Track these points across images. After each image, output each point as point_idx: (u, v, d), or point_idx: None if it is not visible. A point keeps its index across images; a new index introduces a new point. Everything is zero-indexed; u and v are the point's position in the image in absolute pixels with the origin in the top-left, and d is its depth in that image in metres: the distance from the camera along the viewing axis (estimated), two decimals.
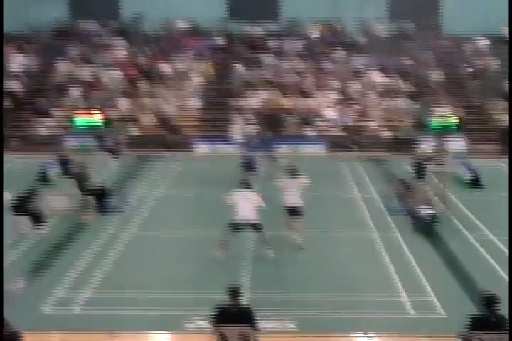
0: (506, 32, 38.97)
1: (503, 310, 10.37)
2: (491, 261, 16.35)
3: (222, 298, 10.63)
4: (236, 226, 16.11)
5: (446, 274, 15.54)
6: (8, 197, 18.46)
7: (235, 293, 10.51)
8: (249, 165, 24.05)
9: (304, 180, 17.54)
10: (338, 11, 39.87)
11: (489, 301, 10.27)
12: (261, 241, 16.38)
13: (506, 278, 15.14)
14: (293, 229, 17.40)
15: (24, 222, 18.20)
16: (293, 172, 17.56)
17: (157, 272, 15.65)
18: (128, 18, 40.51)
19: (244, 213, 15.98)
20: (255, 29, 39.77)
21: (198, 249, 17.19)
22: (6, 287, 13.52)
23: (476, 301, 13.32)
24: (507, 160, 28.42)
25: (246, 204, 16.00)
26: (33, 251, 16.98)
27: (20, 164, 27.12)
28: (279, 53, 37.91)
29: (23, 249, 17.13)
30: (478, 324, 10.21)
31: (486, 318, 10.23)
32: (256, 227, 16.16)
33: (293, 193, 17.27)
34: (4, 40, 36.16)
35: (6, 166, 23.99)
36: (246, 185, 16.58)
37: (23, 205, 18.42)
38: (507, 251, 16.96)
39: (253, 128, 31.16)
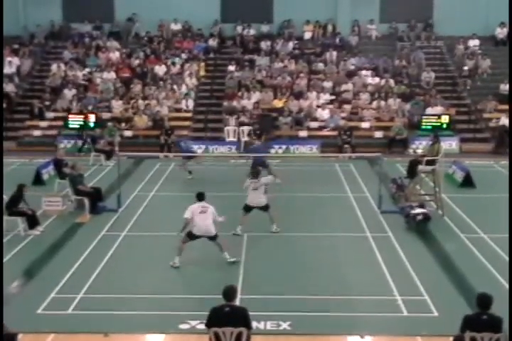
0: (498, 32, 39.17)
1: (498, 310, 10.49)
2: (483, 260, 16.44)
3: (217, 298, 10.72)
4: (194, 237, 16.01)
5: (439, 273, 15.62)
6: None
7: (229, 293, 10.58)
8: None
9: (264, 180, 18.37)
10: (331, 12, 39.97)
11: (482, 300, 10.36)
12: (218, 248, 16.17)
13: (498, 276, 15.23)
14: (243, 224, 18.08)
15: (18, 222, 18.28)
16: (256, 174, 18.53)
17: (151, 272, 15.71)
18: (122, 20, 40.55)
19: (202, 225, 15.81)
20: (248, 30, 39.86)
21: (192, 249, 17.24)
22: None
23: (468, 300, 13.46)
24: (498, 159, 28.63)
25: (203, 217, 15.79)
26: (27, 252, 17.02)
27: (14, 165, 27.13)
28: (272, 54, 38.00)
29: (17, 249, 17.17)
30: (471, 323, 10.28)
31: (479, 317, 10.31)
32: (212, 238, 16.02)
33: (257, 193, 18.12)
34: None
35: None
36: (200, 196, 16.33)
37: (14, 205, 18.45)
38: (499, 250, 17.06)
39: (246, 129, 31.29)
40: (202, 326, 11.37)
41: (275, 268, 15.95)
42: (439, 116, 31.80)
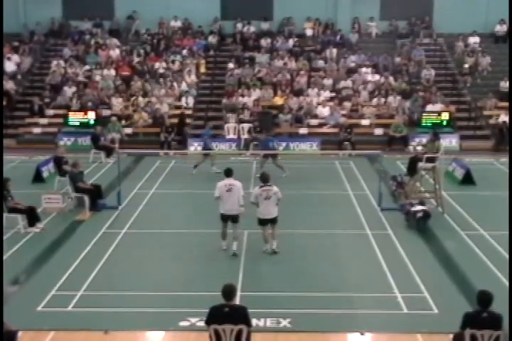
0: (498, 29, 39.17)
1: (498, 307, 10.49)
2: (483, 257, 16.46)
3: (217, 295, 10.70)
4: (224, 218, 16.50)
5: (439, 271, 15.63)
6: None
7: (228, 292, 10.53)
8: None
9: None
10: (331, 9, 39.97)
11: (482, 298, 10.36)
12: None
13: (499, 274, 15.25)
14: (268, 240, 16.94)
15: (19, 220, 18.28)
16: (266, 179, 16.36)
17: (151, 270, 15.72)
18: (122, 17, 40.54)
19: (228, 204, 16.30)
20: (248, 28, 39.85)
21: (192, 246, 17.29)
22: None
23: (468, 298, 13.47)
24: (498, 157, 28.63)
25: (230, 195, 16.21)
26: (27, 249, 17.02)
27: (14, 163, 27.11)
28: (272, 52, 37.99)
29: (17, 247, 17.17)
30: (471, 320, 10.28)
31: (479, 315, 10.31)
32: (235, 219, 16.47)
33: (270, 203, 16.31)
34: None
35: None
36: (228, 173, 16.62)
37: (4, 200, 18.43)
38: (499, 248, 17.08)
39: (246, 127, 31.26)
40: (202, 323, 11.36)
41: (275, 265, 15.95)
42: (439, 113, 31.86)
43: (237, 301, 11.24)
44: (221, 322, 10.28)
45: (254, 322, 11.03)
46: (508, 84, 34.13)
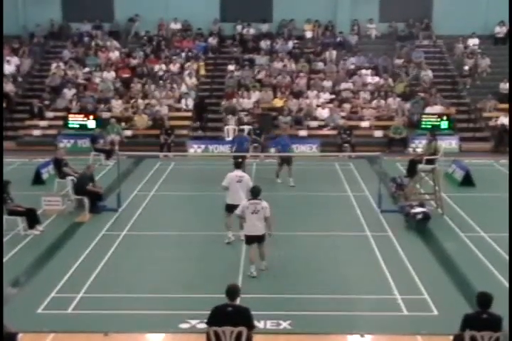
0: (498, 31, 39.20)
1: (498, 309, 10.49)
2: (483, 259, 16.45)
3: (217, 297, 10.70)
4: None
5: (439, 272, 15.62)
6: None
7: (232, 292, 10.55)
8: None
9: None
10: (330, 11, 39.98)
11: (482, 299, 10.36)
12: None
13: (498, 275, 15.24)
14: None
15: (18, 222, 18.27)
16: (256, 192, 15.40)
17: (151, 272, 15.70)
18: (121, 19, 40.56)
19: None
20: (247, 29, 39.88)
21: (192, 248, 17.29)
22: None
23: (468, 299, 13.47)
24: (498, 158, 28.64)
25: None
26: (27, 252, 17.00)
27: (13, 165, 27.11)
28: (272, 53, 38.00)
29: (17, 249, 17.15)
30: (471, 322, 10.29)
31: (479, 316, 10.31)
32: None
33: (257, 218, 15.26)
34: None
35: None
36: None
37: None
38: (499, 249, 17.07)
39: (245, 129, 31.22)
40: (202, 325, 11.40)
41: (275, 267, 15.93)
42: (438, 115, 31.85)
43: (238, 303, 11.20)
44: (223, 321, 10.27)
45: (255, 323, 10.99)
46: (507, 85, 34.12)
